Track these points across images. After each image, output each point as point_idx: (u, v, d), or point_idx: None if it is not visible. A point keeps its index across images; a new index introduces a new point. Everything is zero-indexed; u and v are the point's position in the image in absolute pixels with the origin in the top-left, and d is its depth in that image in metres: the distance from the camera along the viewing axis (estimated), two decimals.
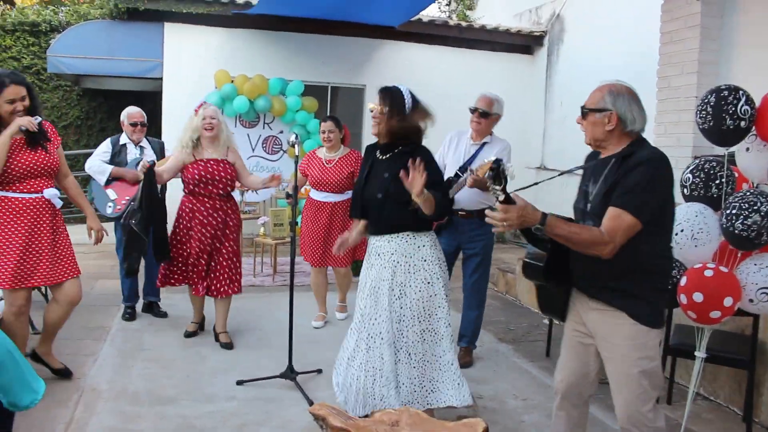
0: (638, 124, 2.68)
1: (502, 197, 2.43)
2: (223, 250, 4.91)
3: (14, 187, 3.86)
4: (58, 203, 4.08)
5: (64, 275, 4.05)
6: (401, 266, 3.42)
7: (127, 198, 5.37)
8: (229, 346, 4.98)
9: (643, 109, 2.71)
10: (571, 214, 2.87)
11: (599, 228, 2.55)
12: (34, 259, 3.92)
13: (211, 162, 4.85)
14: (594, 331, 2.78)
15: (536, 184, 3.25)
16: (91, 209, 4.51)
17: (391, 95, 3.48)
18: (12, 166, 3.82)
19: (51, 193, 4.00)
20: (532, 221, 2.48)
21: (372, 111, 3.43)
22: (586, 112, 2.77)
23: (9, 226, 3.85)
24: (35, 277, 3.94)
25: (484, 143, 4.69)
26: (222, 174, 4.86)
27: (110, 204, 5.40)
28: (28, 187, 3.90)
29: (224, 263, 4.92)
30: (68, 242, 4.15)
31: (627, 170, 2.58)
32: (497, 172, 2.41)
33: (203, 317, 5.27)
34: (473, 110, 4.67)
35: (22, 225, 3.87)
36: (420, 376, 3.46)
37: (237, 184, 5.11)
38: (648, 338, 2.65)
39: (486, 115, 4.63)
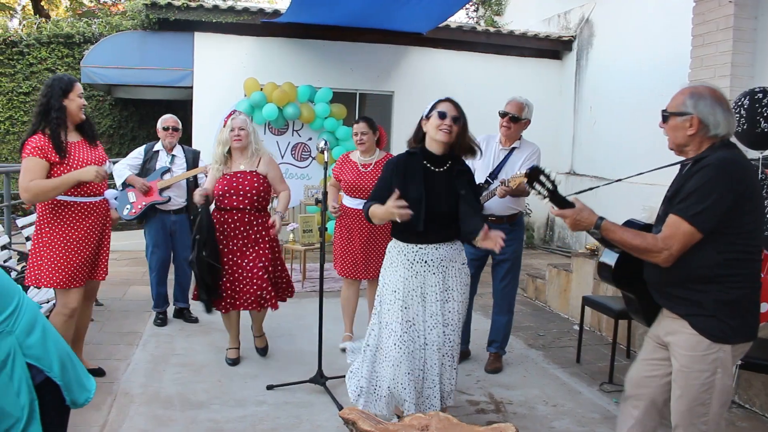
0: (722, 129, 2.53)
1: (545, 201, 2.46)
2: (250, 264, 4.55)
3: (84, 191, 4.02)
4: (114, 203, 4.33)
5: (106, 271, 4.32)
6: (449, 271, 3.48)
7: (145, 203, 5.48)
8: (262, 351, 4.95)
9: (730, 112, 2.56)
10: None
11: (655, 235, 2.50)
12: (99, 256, 4.18)
13: (238, 174, 4.58)
14: (665, 337, 2.69)
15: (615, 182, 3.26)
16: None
17: (461, 107, 3.47)
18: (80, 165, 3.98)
19: (111, 193, 4.24)
20: (587, 225, 2.48)
21: (444, 118, 3.39)
22: (667, 115, 2.65)
23: (81, 228, 4.02)
24: (98, 272, 4.20)
25: (513, 148, 4.67)
26: (248, 187, 4.54)
27: (128, 206, 5.53)
28: (95, 189, 4.07)
29: (251, 278, 4.55)
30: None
31: (690, 175, 2.49)
32: (533, 179, 2.44)
33: (239, 342, 4.90)
34: (503, 114, 4.63)
35: (94, 226, 4.08)
36: (454, 378, 3.52)
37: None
38: (710, 351, 2.51)
39: (516, 120, 4.59)
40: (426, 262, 3.43)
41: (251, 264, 4.57)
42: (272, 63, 9.50)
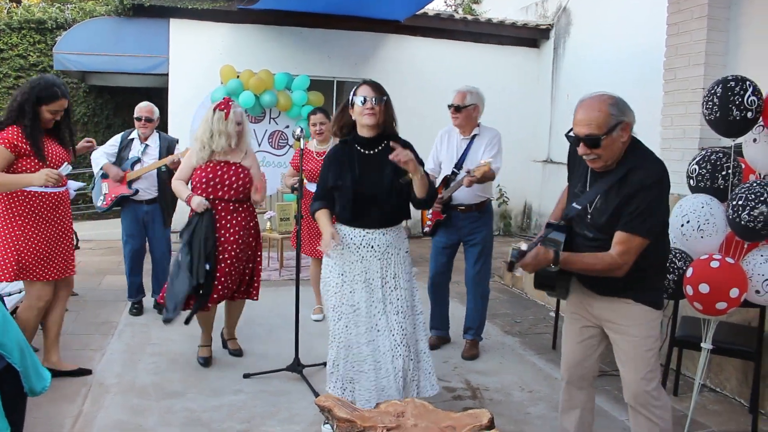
0: (634, 126, 2.67)
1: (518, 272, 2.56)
2: (232, 253, 4.39)
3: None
4: (74, 194, 4.30)
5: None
6: (394, 258, 3.48)
7: (114, 196, 5.42)
8: (238, 353, 4.75)
9: None
10: None
11: (609, 253, 2.60)
12: (68, 250, 4.12)
13: (222, 164, 4.39)
14: (600, 316, 2.85)
15: None
16: None
17: (381, 87, 3.47)
18: (49, 160, 3.95)
19: (75, 186, 4.19)
20: (546, 263, 2.55)
21: (364, 102, 3.39)
22: (599, 138, 2.56)
23: (43, 220, 3.97)
24: (70, 267, 4.14)
25: (474, 135, 4.76)
26: (234, 178, 4.39)
27: (101, 198, 5.47)
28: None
29: (241, 269, 4.47)
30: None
31: (632, 193, 2.57)
32: (515, 262, 2.52)
33: (211, 339, 4.72)
34: (450, 106, 4.74)
35: (55, 218, 4.02)
36: (414, 369, 3.48)
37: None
38: (652, 318, 2.76)
39: (459, 109, 4.69)
40: (372, 247, 3.44)
41: (234, 255, 4.41)
42: (249, 50, 9.40)
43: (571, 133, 2.70)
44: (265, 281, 7.05)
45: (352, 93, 3.45)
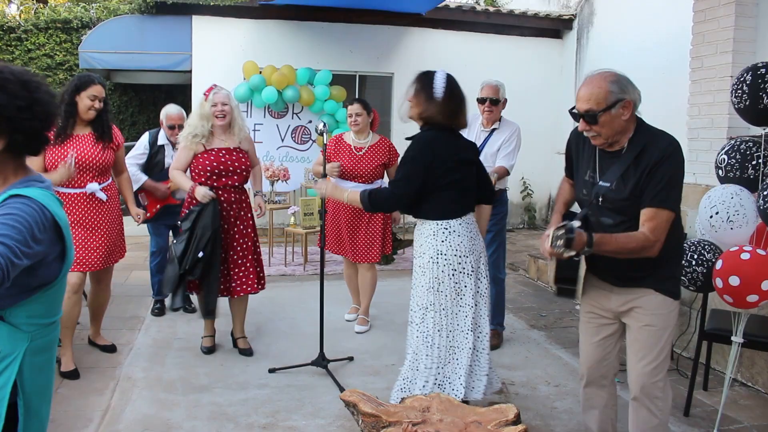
0: (639, 103, 2.65)
1: (574, 253, 2.45)
2: (238, 247, 4.49)
3: (65, 183, 4.15)
4: (103, 196, 4.31)
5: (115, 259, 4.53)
6: (415, 250, 3.50)
7: (158, 207, 5.39)
8: (248, 352, 4.66)
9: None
10: None
11: (641, 231, 2.56)
12: (96, 246, 4.30)
13: (224, 151, 4.41)
14: (618, 309, 2.81)
15: None
16: (132, 198, 4.79)
17: (420, 78, 3.43)
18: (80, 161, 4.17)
19: (93, 187, 4.27)
20: (581, 245, 2.49)
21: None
22: (596, 114, 2.56)
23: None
24: (99, 261, 4.33)
25: (494, 129, 4.77)
26: (237, 164, 4.42)
27: (141, 209, 5.39)
28: (74, 182, 4.20)
29: (239, 261, 4.50)
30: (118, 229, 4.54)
31: (652, 167, 2.55)
32: (567, 240, 2.40)
33: (214, 330, 4.80)
34: (483, 100, 4.74)
35: (75, 216, 4.20)
36: (421, 362, 3.42)
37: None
38: (671, 309, 2.72)
39: (496, 102, 4.73)
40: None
41: (237, 248, 4.51)
42: (271, 45, 9.42)
43: (575, 110, 2.67)
44: (290, 276, 7.11)
45: None
